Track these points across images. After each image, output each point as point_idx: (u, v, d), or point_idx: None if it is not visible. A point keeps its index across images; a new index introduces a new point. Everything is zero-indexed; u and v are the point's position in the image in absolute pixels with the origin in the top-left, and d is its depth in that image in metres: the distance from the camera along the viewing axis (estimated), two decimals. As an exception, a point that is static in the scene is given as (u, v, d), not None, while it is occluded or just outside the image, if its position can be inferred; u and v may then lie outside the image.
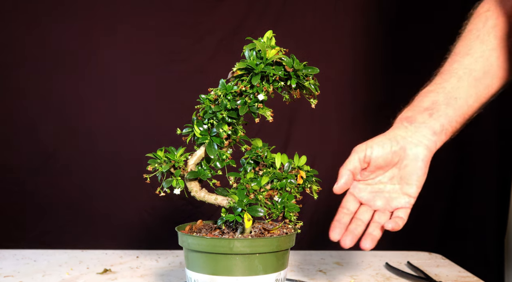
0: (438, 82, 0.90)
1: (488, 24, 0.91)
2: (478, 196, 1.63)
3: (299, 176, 0.85)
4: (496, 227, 1.60)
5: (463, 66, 0.89)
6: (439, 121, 0.86)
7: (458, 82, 0.88)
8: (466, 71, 0.89)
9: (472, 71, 0.89)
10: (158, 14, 1.59)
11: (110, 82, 1.60)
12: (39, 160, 1.57)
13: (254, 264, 0.77)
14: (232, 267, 0.76)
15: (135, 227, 1.61)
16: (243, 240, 0.76)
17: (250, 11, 1.60)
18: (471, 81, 0.89)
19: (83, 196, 1.60)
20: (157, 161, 0.80)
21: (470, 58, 0.90)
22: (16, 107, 1.57)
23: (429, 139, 0.85)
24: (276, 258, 0.79)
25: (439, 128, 0.86)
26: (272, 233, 0.81)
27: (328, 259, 1.23)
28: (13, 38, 1.55)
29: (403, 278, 1.07)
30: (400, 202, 0.86)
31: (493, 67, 0.90)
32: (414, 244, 1.52)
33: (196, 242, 0.77)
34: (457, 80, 0.89)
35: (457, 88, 0.88)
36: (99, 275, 1.08)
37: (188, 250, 0.80)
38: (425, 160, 0.85)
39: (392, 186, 0.86)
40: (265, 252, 0.77)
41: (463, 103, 0.88)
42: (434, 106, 0.87)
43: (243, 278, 0.76)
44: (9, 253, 1.26)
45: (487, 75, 0.90)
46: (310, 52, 1.61)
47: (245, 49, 0.79)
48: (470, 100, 0.89)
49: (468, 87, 0.88)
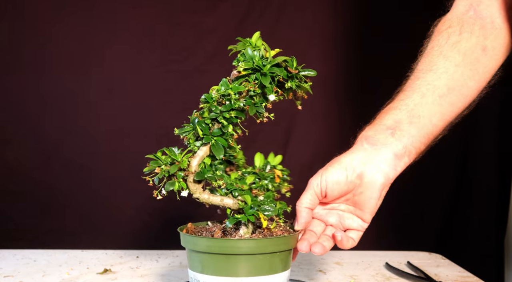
0: (401, 99, 0.86)
1: (450, 40, 0.88)
2: (478, 196, 1.63)
3: (276, 175, 0.86)
4: (496, 227, 1.60)
5: (426, 82, 0.86)
6: (401, 142, 0.82)
7: (422, 99, 0.84)
8: (430, 88, 0.85)
9: (436, 88, 0.85)
10: (158, 14, 1.60)
11: (111, 82, 1.60)
12: (39, 159, 1.57)
13: (266, 262, 0.77)
14: (239, 268, 0.76)
15: (135, 227, 1.61)
16: (258, 239, 0.76)
17: (250, 11, 1.60)
18: (435, 98, 0.85)
19: (83, 196, 1.60)
20: (159, 163, 0.79)
21: (434, 74, 0.86)
22: (16, 107, 1.57)
23: (389, 164, 0.81)
24: (286, 256, 0.80)
25: (402, 150, 0.82)
26: (275, 232, 0.82)
27: (328, 259, 1.23)
28: (13, 38, 1.55)
29: (403, 278, 1.07)
30: (353, 224, 0.84)
31: (458, 85, 0.86)
32: (414, 244, 1.53)
33: (206, 244, 0.77)
34: (420, 97, 0.85)
35: (421, 105, 0.84)
36: (99, 275, 1.08)
37: (192, 251, 0.80)
38: (382, 188, 0.81)
39: (347, 207, 0.84)
40: (274, 251, 0.77)
41: (427, 122, 0.84)
42: (397, 125, 0.83)
43: (253, 278, 0.77)
44: (9, 253, 1.26)
45: (451, 92, 0.86)
46: (310, 52, 1.61)
47: (246, 49, 0.78)
48: (434, 119, 0.85)
49: (432, 105, 0.85)
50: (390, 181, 0.81)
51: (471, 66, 0.87)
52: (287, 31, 1.61)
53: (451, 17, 0.91)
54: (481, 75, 0.88)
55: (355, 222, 0.84)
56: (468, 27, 0.89)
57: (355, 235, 0.84)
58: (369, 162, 0.80)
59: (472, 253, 1.60)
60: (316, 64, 1.65)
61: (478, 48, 0.87)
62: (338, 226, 0.85)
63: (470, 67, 0.87)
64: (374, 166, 0.80)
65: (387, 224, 1.63)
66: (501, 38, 0.89)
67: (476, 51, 0.87)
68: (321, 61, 1.63)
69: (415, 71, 0.89)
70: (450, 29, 0.89)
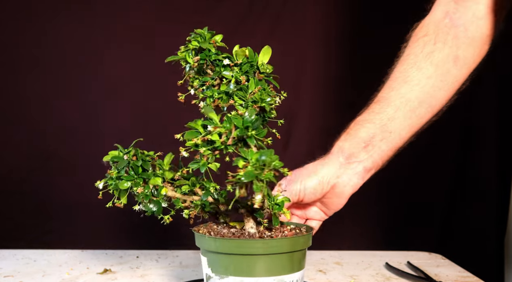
0: (376, 111, 0.91)
1: (425, 49, 0.92)
2: (478, 196, 1.62)
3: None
4: (496, 227, 1.60)
5: (400, 95, 0.91)
6: (372, 157, 0.89)
7: (395, 113, 0.90)
8: (403, 101, 0.90)
9: (408, 101, 0.90)
10: (158, 14, 1.60)
11: (111, 83, 1.60)
12: (39, 160, 1.57)
13: (285, 262, 0.77)
14: (258, 267, 0.76)
15: (135, 227, 1.61)
16: (277, 239, 0.77)
17: (250, 11, 1.60)
18: (406, 112, 0.90)
19: (83, 196, 1.59)
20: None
21: (407, 87, 0.91)
22: (16, 107, 1.57)
23: (359, 177, 0.89)
24: (302, 256, 0.80)
25: (371, 164, 0.89)
26: (287, 230, 0.83)
27: (328, 259, 1.23)
28: (13, 38, 1.55)
29: (403, 278, 1.07)
30: (315, 216, 0.93)
31: (428, 97, 0.91)
32: (414, 244, 1.53)
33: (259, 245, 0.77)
34: (394, 110, 0.90)
35: (393, 119, 0.90)
36: (99, 275, 1.08)
37: (210, 252, 0.79)
38: (349, 196, 0.90)
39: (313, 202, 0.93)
40: (293, 250, 0.78)
41: (396, 136, 0.90)
42: (371, 141, 0.89)
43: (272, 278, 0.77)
44: (9, 253, 1.26)
45: (421, 105, 0.91)
46: (310, 52, 1.61)
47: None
48: (403, 133, 0.91)
49: (404, 119, 0.90)
50: (357, 188, 0.90)
51: (442, 77, 0.91)
52: (288, 31, 1.61)
53: (428, 23, 0.95)
54: (450, 85, 0.92)
55: (318, 215, 0.93)
56: (442, 36, 0.93)
57: (316, 224, 0.93)
58: (343, 174, 0.89)
59: (472, 253, 1.60)
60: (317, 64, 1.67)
61: (450, 59, 0.92)
62: (302, 216, 0.94)
63: (441, 78, 0.91)
64: (346, 178, 0.88)
65: (387, 224, 1.63)
66: (473, 47, 0.93)
67: (448, 62, 0.92)
68: (321, 61, 1.63)
69: (390, 79, 0.93)
70: (426, 38, 0.93)
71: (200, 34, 0.81)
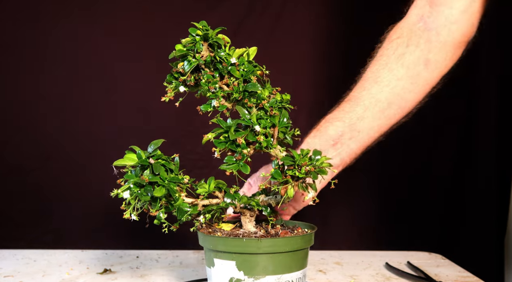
0: (346, 110, 0.92)
1: (398, 51, 0.93)
2: (478, 195, 1.62)
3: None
4: (496, 227, 1.60)
5: (371, 95, 0.92)
6: (340, 155, 0.90)
7: (364, 113, 0.91)
8: (373, 101, 0.91)
9: (378, 102, 0.91)
10: (158, 14, 1.59)
11: (110, 83, 1.59)
12: (39, 160, 1.57)
13: (288, 261, 0.78)
14: (264, 266, 0.77)
15: (135, 227, 1.60)
16: (283, 238, 0.77)
17: (250, 11, 1.60)
18: (375, 112, 0.91)
19: (83, 196, 1.60)
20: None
21: (378, 87, 0.92)
22: (16, 107, 1.57)
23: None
24: (305, 254, 0.81)
25: (339, 162, 0.90)
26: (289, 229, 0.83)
27: (328, 259, 1.23)
28: (13, 38, 1.55)
29: (403, 278, 1.07)
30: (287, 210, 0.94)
31: (398, 98, 0.92)
32: (414, 244, 1.52)
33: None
34: (363, 110, 0.91)
35: (362, 119, 0.91)
36: (99, 275, 1.08)
37: (215, 251, 0.79)
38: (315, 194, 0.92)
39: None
40: (296, 249, 0.79)
41: (365, 135, 0.91)
42: (339, 139, 0.90)
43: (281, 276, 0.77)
44: (9, 253, 1.26)
45: (391, 106, 0.92)
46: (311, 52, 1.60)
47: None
48: (372, 132, 0.92)
49: (372, 119, 0.91)
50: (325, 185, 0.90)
51: (412, 79, 0.93)
52: (288, 31, 1.61)
53: (403, 25, 0.97)
54: (420, 88, 0.94)
55: (288, 209, 0.94)
56: (415, 39, 0.94)
57: (288, 218, 0.94)
58: None
59: (472, 253, 1.60)
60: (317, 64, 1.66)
61: (421, 61, 0.93)
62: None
63: (412, 80, 0.92)
64: None
65: (387, 224, 1.63)
66: (445, 51, 0.94)
67: (419, 65, 0.93)
68: (321, 62, 1.63)
69: (362, 79, 0.95)
70: (399, 40, 0.95)
71: (206, 27, 0.82)
